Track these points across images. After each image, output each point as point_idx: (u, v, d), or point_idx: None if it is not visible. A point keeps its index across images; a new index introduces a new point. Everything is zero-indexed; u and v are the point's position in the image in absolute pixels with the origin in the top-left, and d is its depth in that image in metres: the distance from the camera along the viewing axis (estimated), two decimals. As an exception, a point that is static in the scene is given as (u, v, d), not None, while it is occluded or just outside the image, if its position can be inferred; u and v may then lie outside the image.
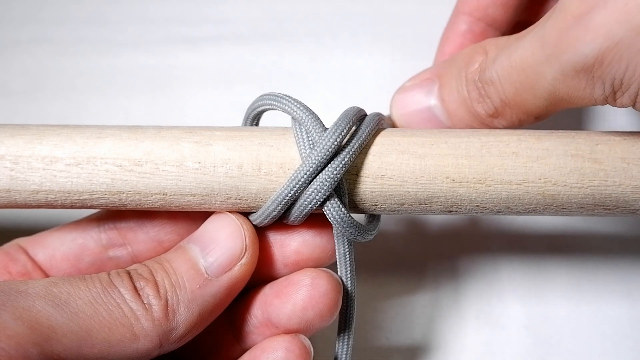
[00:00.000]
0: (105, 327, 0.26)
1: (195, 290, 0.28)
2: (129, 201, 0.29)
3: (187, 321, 0.27)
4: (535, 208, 0.29)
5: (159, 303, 0.27)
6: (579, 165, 0.28)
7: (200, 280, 0.28)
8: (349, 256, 0.30)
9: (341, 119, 0.29)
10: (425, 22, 0.44)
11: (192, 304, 0.27)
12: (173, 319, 0.27)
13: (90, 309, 0.26)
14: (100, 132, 0.29)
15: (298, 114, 0.29)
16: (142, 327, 0.26)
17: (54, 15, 0.44)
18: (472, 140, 0.29)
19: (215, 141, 0.29)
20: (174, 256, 0.29)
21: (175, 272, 0.28)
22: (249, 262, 0.29)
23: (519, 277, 0.38)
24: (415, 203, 0.29)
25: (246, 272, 0.29)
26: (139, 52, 0.43)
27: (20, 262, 0.31)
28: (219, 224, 0.29)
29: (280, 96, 0.29)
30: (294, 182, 0.28)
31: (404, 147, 0.29)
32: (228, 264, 0.28)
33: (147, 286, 0.27)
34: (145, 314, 0.26)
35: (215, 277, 0.28)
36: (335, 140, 0.28)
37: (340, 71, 0.43)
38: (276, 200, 0.28)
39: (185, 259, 0.28)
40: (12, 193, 0.29)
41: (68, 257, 0.31)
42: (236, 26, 0.44)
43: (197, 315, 0.28)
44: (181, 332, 0.27)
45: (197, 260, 0.28)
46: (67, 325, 0.25)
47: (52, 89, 0.42)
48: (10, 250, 0.31)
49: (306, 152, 0.28)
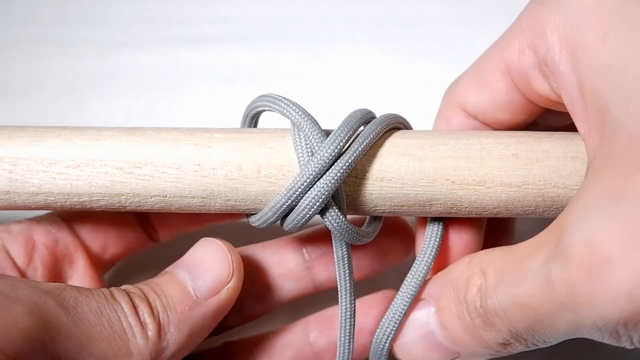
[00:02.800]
0: (105, 337, 0.26)
1: (185, 312, 0.28)
2: (129, 203, 0.29)
3: (177, 341, 0.28)
4: (535, 210, 0.29)
5: (153, 322, 0.27)
6: (579, 167, 0.28)
7: (189, 302, 0.29)
8: (347, 259, 0.30)
9: (342, 126, 0.28)
10: (425, 22, 0.44)
11: (182, 324, 0.28)
12: (164, 338, 0.28)
13: (94, 318, 0.26)
14: (99, 134, 0.29)
15: (297, 118, 0.28)
16: (137, 344, 0.27)
17: (54, 15, 0.44)
18: (471, 142, 0.29)
19: (214, 143, 0.29)
20: (162, 280, 0.29)
21: (165, 294, 0.29)
22: (235, 287, 0.30)
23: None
24: (415, 205, 0.29)
25: (232, 296, 0.30)
26: (139, 52, 0.43)
27: (62, 240, 0.32)
28: (207, 250, 0.30)
29: (279, 98, 0.29)
30: (292, 191, 0.28)
31: (404, 149, 0.29)
32: (216, 287, 0.29)
33: (142, 305, 0.28)
34: (140, 332, 0.27)
35: (203, 300, 0.29)
36: (335, 149, 0.27)
37: (340, 71, 0.43)
38: (274, 208, 0.28)
39: (174, 282, 0.29)
40: (12, 195, 0.29)
41: (114, 226, 0.33)
42: (236, 26, 0.43)
43: (187, 335, 0.28)
44: (171, 352, 0.28)
45: (186, 284, 0.29)
46: (71, 329, 0.25)
47: (52, 89, 0.42)
48: (52, 228, 0.32)
49: (305, 159, 0.28)
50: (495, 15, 0.44)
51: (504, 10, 0.44)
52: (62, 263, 0.32)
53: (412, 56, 0.43)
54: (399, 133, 0.30)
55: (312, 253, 0.33)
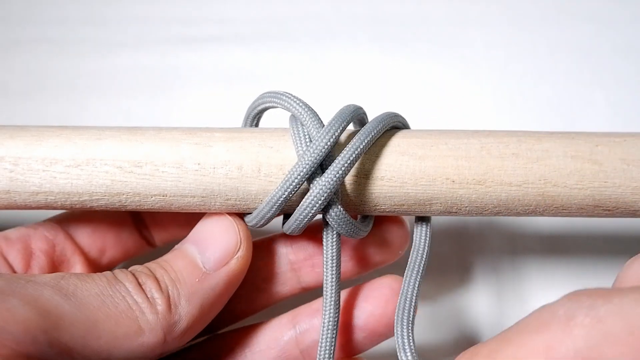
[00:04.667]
0: (111, 319, 0.26)
1: (195, 284, 0.28)
2: (129, 202, 0.29)
3: (189, 314, 0.28)
4: (535, 209, 0.29)
5: (162, 297, 0.27)
6: (579, 166, 0.28)
7: (199, 274, 0.28)
8: (337, 256, 0.29)
9: (337, 116, 0.28)
10: (426, 22, 0.44)
11: (193, 297, 0.28)
12: (175, 312, 0.27)
13: (96, 301, 0.26)
14: (100, 134, 0.29)
15: (297, 109, 0.28)
16: (147, 320, 0.27)
17: (54, 15, 0.44)
18: (472, 141, 0.29)
19: (215, 142, 0.29)
20: (170, 256, 0.29)
21: (173, 269, 0.28)
22: (244, 256, 0.29)
23: (518, 277, 0.38)
24: (415, 204, 0.29)
25: (242, 266, 0.29)
26: (139, 52, 0.43)
27: (59, 245, 0.32)
28: (212, 223, 0.30)
29: (281, 93, 0.29)
30: (289, 182, 0.27)
31: (404, 148, 0.29)
32: (224, 258, 0.29)
33: (149, 281, 0.28)
34: (149, 307, 0.27)
35: (213, 271, 0.29)
36: (332, 137, 0.27)
37: (340, 71, 0.43)
38: (270, 201, 0.28)
39: (182, 256, 0.29)
40: (12, 194, 0.29)
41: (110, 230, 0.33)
42: (236, 26, 0.43)
43: (199, 308, 0.28)
44: (184, 325, 0.28)
45: (194, 257, 0.29)
46: (74, 315, 0.25)
47: (52, 89, 0.42)
48: (48, 234, 0.32)
49: (302, 148, 0.28)
50: (495, 16, 0.44)
51: (504, 11, 0.45)
52: (59, 269, 0.32)
53: (412, 56, 0.43)
54: (399, 132, 0.30)
55: (297, 254, 0.33)
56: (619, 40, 0.44)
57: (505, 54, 0.43)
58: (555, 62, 0.43)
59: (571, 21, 0.44)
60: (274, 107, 0.30)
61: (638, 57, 0.43)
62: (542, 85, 0.43)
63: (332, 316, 0.29)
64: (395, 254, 0.33)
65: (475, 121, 0.41)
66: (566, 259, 0.38)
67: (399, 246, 0.33)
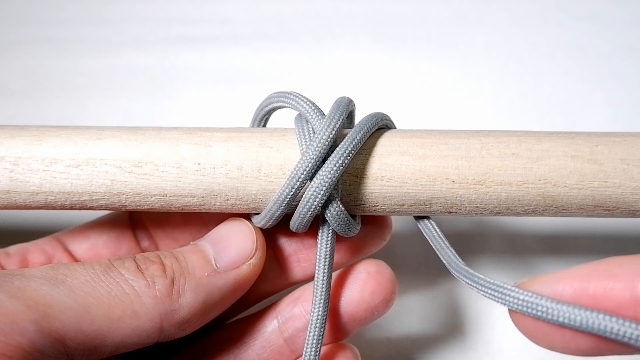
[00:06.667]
0: (104, 303, 0.26)
1: (203, 278, 0.28)
2: (129, 202, 0.29)
3: (191, 306, 0.28)
4: (535, 209, 0.29)
5: (164, 282, 0.27)
6: (579, 166, 0.28)
7: (209, 269, 0.29)
8: (330, 254, 0.30)
9: (334, 108, 0.29)
10: (425, 22, 0.44)
11: (198, 289, 0.28)
12: (177, 300, 0.27)
13: (87, 287, 0.26)
14: (100, 134, 0.29)
15: (306, 109, 0.29)
16: (143, 303, 0.27)
17: (54, 15, 0.44)
18: (472, 141, 0.29)
19: (215, 142, 0.29)
20: (185, 249, 0.30)
21: (185, 259, 0.29)
22: (257, 264, 0.30)
23: (518, 277, 0.38)
24: (415, 204, 0.29)
25: (253, 272, 0.30)
26: (139, 52, 0.43)
27: (57, 258, 0.32)
28: (232, 226, 0.30)
29: (290, 93, 0.30)
30: (295, 178, 0.27)
31: (404, 148, 0.29)
32: (237, 261, 0.29)
33: (153, 266, 0.28)
34: (147, 291, 0.27)
35: (223, 271, 0.29)
36: (334, 128, 0.28)
37: (340, 71, 0.43)
38: (278, 200, 0.28)
39: (195, 251, 0.29)
40: (12, 194, 0.29)
41: (109, 246, 0.33)
42: (236, 26, 0.44)
43: (202, 302, 0.28)
44: (184, 315, 0.28)
45: (208, 253, 0.29)
46: (63, 301, 0.25)
47: (52, 89, 0.42)
48: (47, 247, 0.32)
49: (307, 142, 0.28)
50: (495, 16, 0.44)
51: (504, 11, 0.45)
52: None
53: (412, 56, 0.43)
54: (399, 132, 0.30)
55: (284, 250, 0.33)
56: (619, 40, 0.44)
57: (505, 54, 0.43)
58: (555, 62, 0.43)
59: (571, 21, 0.44)
60: (282, 107, 0.30)
61: (638, 57, 0.43)
62: (542, 85, 0.43)
63: (321, 312, 0.30)
64: (379, 243, 0.33)
65: (475, 121, 0.41)
66: (566, 259, 0.38)
67: (382, 235, 0.33)
